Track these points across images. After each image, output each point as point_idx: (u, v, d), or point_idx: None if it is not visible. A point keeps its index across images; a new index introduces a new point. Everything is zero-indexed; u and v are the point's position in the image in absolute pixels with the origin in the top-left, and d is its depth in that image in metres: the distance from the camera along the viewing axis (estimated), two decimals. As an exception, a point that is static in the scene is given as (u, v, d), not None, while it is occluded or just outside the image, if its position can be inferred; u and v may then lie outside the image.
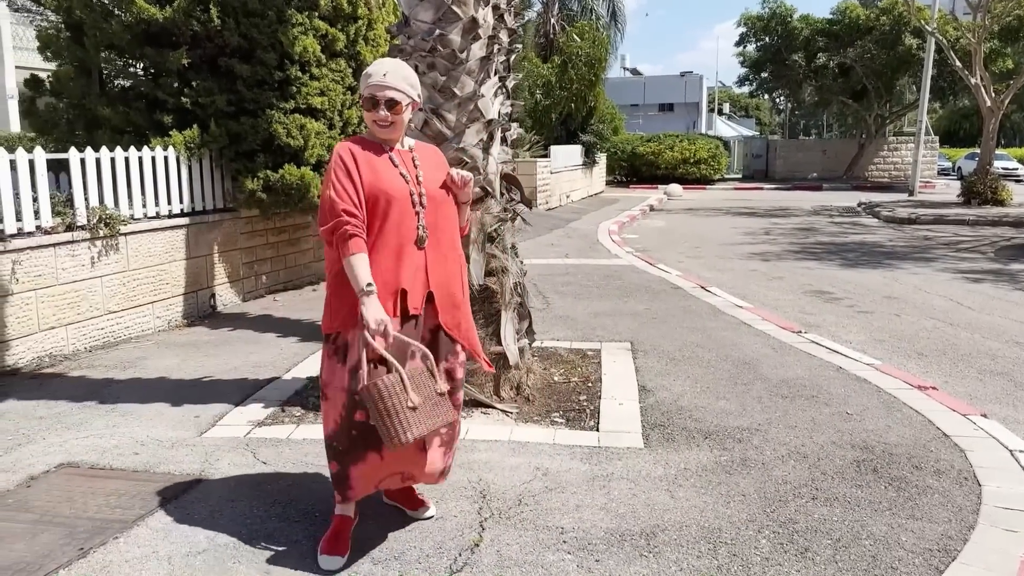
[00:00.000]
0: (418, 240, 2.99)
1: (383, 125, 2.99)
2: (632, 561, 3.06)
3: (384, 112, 2.97)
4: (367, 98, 2.99)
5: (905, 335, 6.79)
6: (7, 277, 5.66)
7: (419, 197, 3.01)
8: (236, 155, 7.72)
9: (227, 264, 7.97)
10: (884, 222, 17.33)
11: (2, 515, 3.48)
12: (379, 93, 2.96)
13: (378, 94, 2.96)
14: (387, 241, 2.94)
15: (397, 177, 2.98)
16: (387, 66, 3.00)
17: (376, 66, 3.02)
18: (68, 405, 4.95)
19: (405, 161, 3.06)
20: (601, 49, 23.12)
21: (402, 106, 2.99)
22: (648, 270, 10.27)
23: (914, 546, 3.17)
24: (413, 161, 3.08)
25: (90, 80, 7.54)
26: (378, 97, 2.96)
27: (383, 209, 2.92)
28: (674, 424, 4.55)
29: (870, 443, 4.24)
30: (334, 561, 3.02)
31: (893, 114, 35.24)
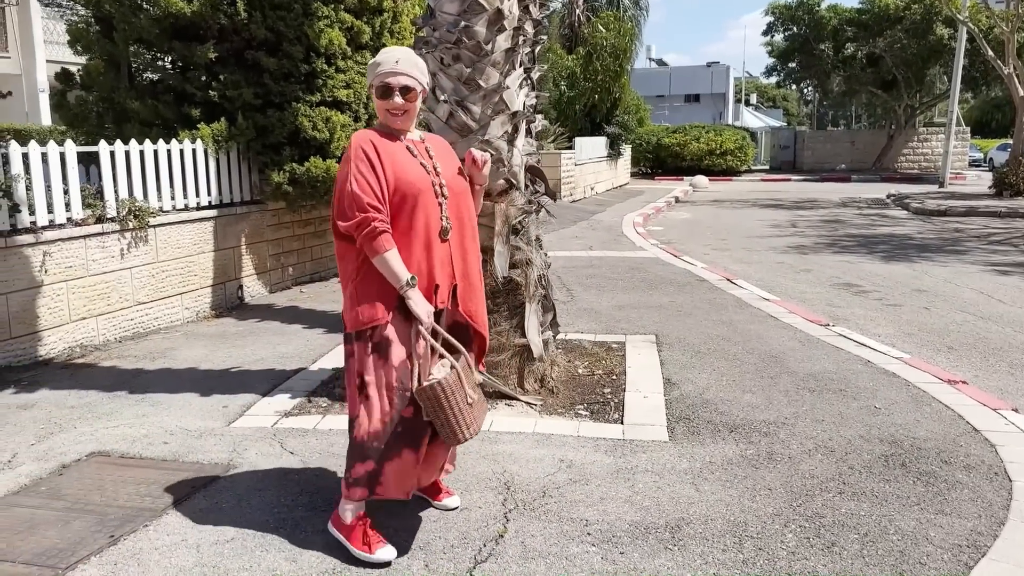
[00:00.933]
0: (442, 232, 2.96)
1: (397, 113, 2.95)
2: (657, 554, 3.06)
3: (399, 99, 2.92)
4: (380, 87, 2.93)
5: (935, 328, 6.71)
6: (38, 269, 5.75)
7: (440, 188, 2.97)
8: (263, 148, 7.78)
9: (254, 256, 8.03)
10: (913, 214, 17.10)
11: (36, 502, 3.55)
12: (393, 80, 2.91)
13: (392, 81, 2.91)
14: (417, 235, 2.90)
15: (419, 168, 2.94)
16: (398, 53, 2.95)
17: (386, 54, 2.96)
18: (99, 395, 5.03)
19: (421, 152, 3.01)
20: (627, 40, 22.99)
21: (416, 93, 2.95)
22: (673, 262, 10.22)
23: (943, 541, 3.13)
24: (427, 151, 3.04)
25: (119, 74, 7.63)
26: (392, 84, 2.91)
27: (410, 202, 2.88)
28: (699, 417, 4.53)
29: (898, 437, 4.20)
30: (387, 551, 3.02)
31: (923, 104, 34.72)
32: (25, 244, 5.65)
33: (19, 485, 3.73)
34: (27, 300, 5.69)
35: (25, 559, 3.05)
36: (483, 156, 3.10)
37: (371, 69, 2.97)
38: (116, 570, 2.97)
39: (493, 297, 4.80)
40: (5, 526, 3.32)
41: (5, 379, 5.35)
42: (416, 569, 2.96)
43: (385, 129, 3.00)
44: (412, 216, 2.89)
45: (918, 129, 34.07)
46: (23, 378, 5.39)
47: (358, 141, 2.90)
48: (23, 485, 3.73)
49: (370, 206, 2.80)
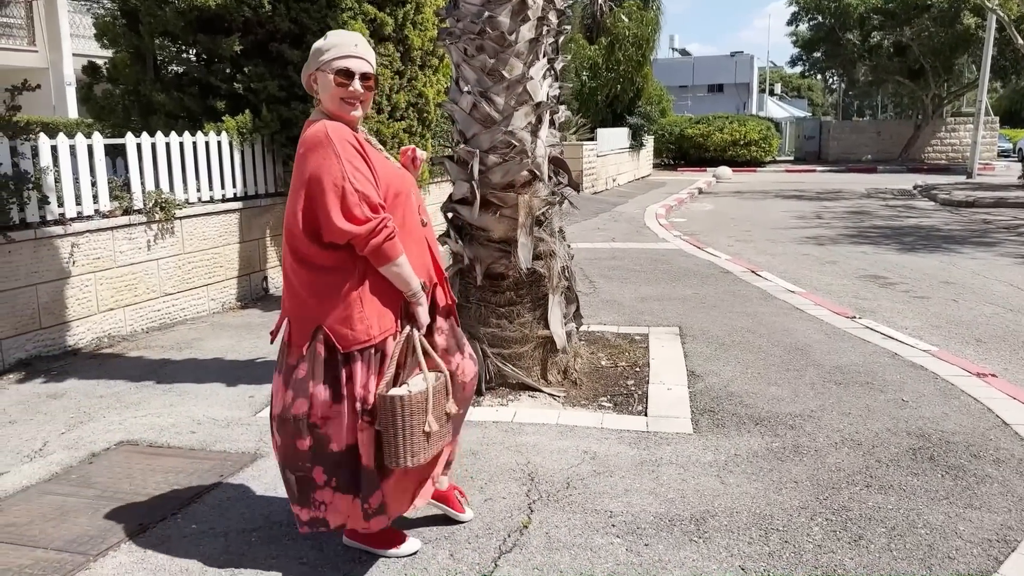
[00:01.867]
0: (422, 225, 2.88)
1: (354, 102, 2.66)
2: (682, 546, 3.05)
3: (359, 86, 2.65)
4: (340, 70, 2.62)
5: (963, 321, 6.63)
6: (67, 260, 5.82)
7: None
8: (287, 140, 7.80)
9: (279, 247, 8.08)
10: (941, 205, 16.87)
11: (66, 490, 3.60)
12: (354, 64, 2.64)
13: (352, 65, 2.63)
14: (410, 234, 2.76)
15: (389, 160, 2.80)
16: (354, 37, 2.70)
17: (339, 36, 2.69)
18: (127, 384, 5.09)
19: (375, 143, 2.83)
20: (649, 30, 22.84)
21: (373, 80, 2.72)
22: (696, 254, 10.16)
23: (972, 536, 3.10)
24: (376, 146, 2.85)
25: (145, 67, 7.69)
26: (352, 69, 2.63)
27: (402, 199, 2.73)
28: (724, 410, 4.51)
29: (926, 431, 4.16)
30: (412, 544, 3.00)
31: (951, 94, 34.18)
32: (54, 236, 5.72)
33: (50, 473, 3.79)
34: (56, 291, 5.76)
35: (57, 546, 3.09)
36: (422, 155, 2.98)
37: (318, 54, 2.67)
38: (145, 557, 3.01)
39: (516, 288, 4.80)
40: (37, 513, 3.37)
41: (35, 369, 5.43)
42: (441, 559, 2.97)
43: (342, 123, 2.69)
44: (405, 213, 2.74)
45: (946, 119, 33.56)
46: (53, 368, 5.46)
47: (336, 132, 2.59)
48: (54, 473, 3.79)
49: (381, 206, 2.59)
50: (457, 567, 2.92)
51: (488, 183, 4.65)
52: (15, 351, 5.50)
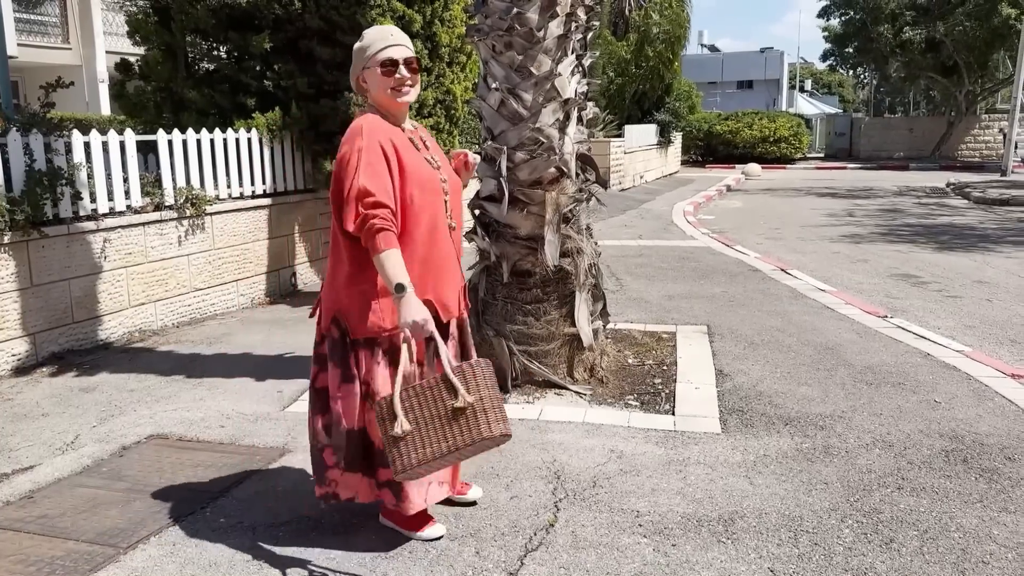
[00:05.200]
0: (449, 230, 2.88)
1: (403, 90, 2.74)
2: (709, 547, 3.02)
3: (405, 71, 2.72)
4: (384, 61, 2.70)
5: (997, 321, 6.51)
6: (99, 255, 5.90)
7: (443, 183, 2.84)
8: (316, 137, 7.85)
9: (307, 244, 8.14)
10: (974, 203, 16.59)
11: (98, 483, 3.65)
12: (396, 52, 2.72)
13: (395, 53, 2.71)
14: (438, 238, 2.79)
15: (424, 163, 2.78)
16: (389, 28, 2.79)
17: (375, 31, 2.79)
18: (157, 379, 5.15)
19: (419, 143, 2.85)
20: (679, 26, 22.67)
21: (415, 63, 2.78)
22: (725, 252, 10.08)
23: (1007, 540, 3.04)
24: (424, 142, 2.88)
25: (176, 64, 7.76)
26: (396, 57, 2.71)
27: (427, 200, 2.74)
28: (753, 409, 4.47)
29: (959, 432, 4.09)
30: (437, 528, 3.06)
31: (985, 90, 33.60)
32: (87, 231, 5.79)
33: (82, 466, 3.84)
34: (88, 285, 5.84)
35: (88, 538, 3.13)
36: (475, 159, 3.02)
37: (361, 53, 2.77)
38: (175, 550, 3.04)
39: (543, 286, 4.79)
40: (69, 505, 3.42)
41: (68, 362, 5.51)
42: (467, 555, 2.97)
43: (384, 115, 2.80)
44: (428, 214, 2.74)
45: (979, 116, 32.99)
46: (85, 361, 5.54)
47: (366, 125, 2.69)
48: (86, 466, 3.84)
49: (375, 204, 2.59)
50: (483, 564, 2.91)
51: (515, 180, 4.64)
52: (48, 345, 5.59)
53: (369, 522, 3.23)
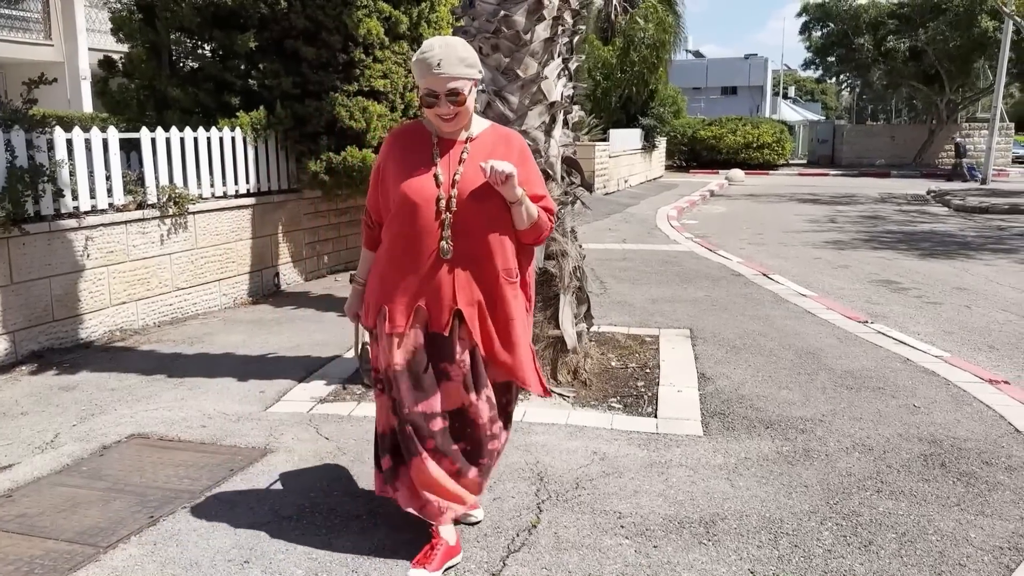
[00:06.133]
0: (441, 251, 2.67)
1: (447, 118, 2.65)
2: (691, 548, 3.04)
3: (447, 106, 2.62)
4: (425, 92, 2.63)
5: (976, 327, 6.59)
6: (81, 253, 5.85)
7: (448, 202, 2.66)
8: (300, 137, 7.83)
9: (291, 244, 8.11)
10: (954, 211, 16.77)
11: (78, 482, 3.62)
12: (437, 87, 2.59)
13: (435, 87, 2.59)
14: (408, 248, 2.70)
15: (427, 179, 2.67)
16: (439, 52, 2.57)
17: (428, 54, 2.58)
18: (138, 378, 5.11)
19: (451, 156, 2.72)
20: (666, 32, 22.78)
21: (464, 95, 2.62)
22: (708, 256, 10.14)
23: (983, 543, 3.08)
24: (462, 154, 2.72)
25: (160, 61, 7.72)
26: (437, 91, 2.60)
27: (407, 212, 2.68)
28: (734, 413, 4.50)
29: (938, 437, 4.13)
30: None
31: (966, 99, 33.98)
32: (68, 229, 5.75)
33: (61, 465, 3.81)
34: (69, 284, 5.79)
35: (68, 537, 3.11)
36: (495, 169, 2.58)
37: (416, 68, 2.65)
38: (155, 550, 3.02)
39: (528, 288, 4.79)
40: (48, 505, 3.39)
41: (48, 361, 5.47)
42: (449, 557, 2.97)
43: (428, 125, 2.79)
44: (408, 227, 2.69)
45: (960, 124, 33.34)
46: (65, 360, 5.49)
47: (394, 135, 2.85)
48: (65, 465, 3.81)
49: (367, 205, 2.91)
50: (466, 565, 2.92)
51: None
52: (28, 343, 5.54)
53: (352, 523, 3.23)
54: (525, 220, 2.74)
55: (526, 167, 2.75)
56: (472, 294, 2.73)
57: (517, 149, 2.78)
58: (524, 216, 2.73)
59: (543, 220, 2.81)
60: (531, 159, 2.85)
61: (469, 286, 2.72)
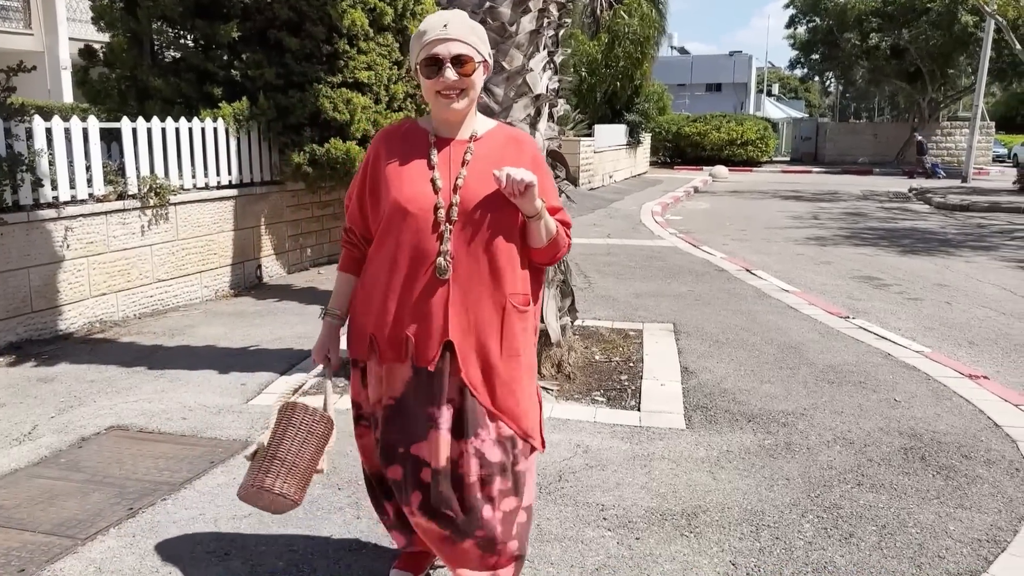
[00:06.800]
0: (437, 269, 2.19)
1: (450, 94, 2.18)
2: (672, 540, 3.05)
3: (451, 73, 2.15)
4: (426, 60, 2.17)
5: (956, 323, 6.64)
6: (60, 244, 5.79)
7: (448, 211, 2.20)
8: (283, 128, 7.78)
9: (273, 236, 8.06)
10: (936, 208, 16.91)
11: (55, 474, 3.58)
12: (442, 49, 2.15)
13: (440, 51, 2.15)
14: (398, 266, 2.23)
15: (423, 183, 2.22)
16: (447, 16, 2.21)
17: (431, 19, 2.21)
18: (118, 370, 5.06)
19: (452, 158, 2.26)
20: (650, 27, 22.81)
21: (474, 63, 2.19)
22: (692, 252, 10.17)
23: (962, 535, 3.11)
24: (464, 156, 2.26)
25: (142, 51, 7.65)
26: (440, 55, 2.15)
27: (396, 223, 2.23)
28: (717, 406, 4.51)
29: (918, 431, 4.16)
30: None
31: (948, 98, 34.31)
32: (47, 219, 5.68)
33: (39, 457, 3.77)
34: (48, 275, 5.73)
35: (45, 529, 3.07)
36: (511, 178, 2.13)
37: (414, 42, 2.23)
38: (134, 542, 2.99)
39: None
40: (25, 497, 3.35)
41: (26, 352, 5.40)
42: (432, 549, 2.96)
43: (425, 123, 2.34)
44: (395, 241, 2.23)
45: (942, 123, 33.65)
46: (44, 352, 5.43)
47: (381, 135, 2.38)
48: (43, 457, 3.77)
49: (347, 217, 2.43)
50: (447, 557, 2.90)
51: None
52: (6, 334, 5.47)
53: (334, 515, 3.21)
54: (543, 236, 2.28)
55: (540, 174, 2.24)
56: (469, 323, 2.23)
57: (529, 154, 2.32)
58: (542, 232, 2.27)
59: (561, 236, 2.34)
60: (544, 164, 2.45)
61: (467, 313, 2.23)
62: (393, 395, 2.29)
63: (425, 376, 2.24)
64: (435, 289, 2.21)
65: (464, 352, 2.23)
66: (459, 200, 2.21)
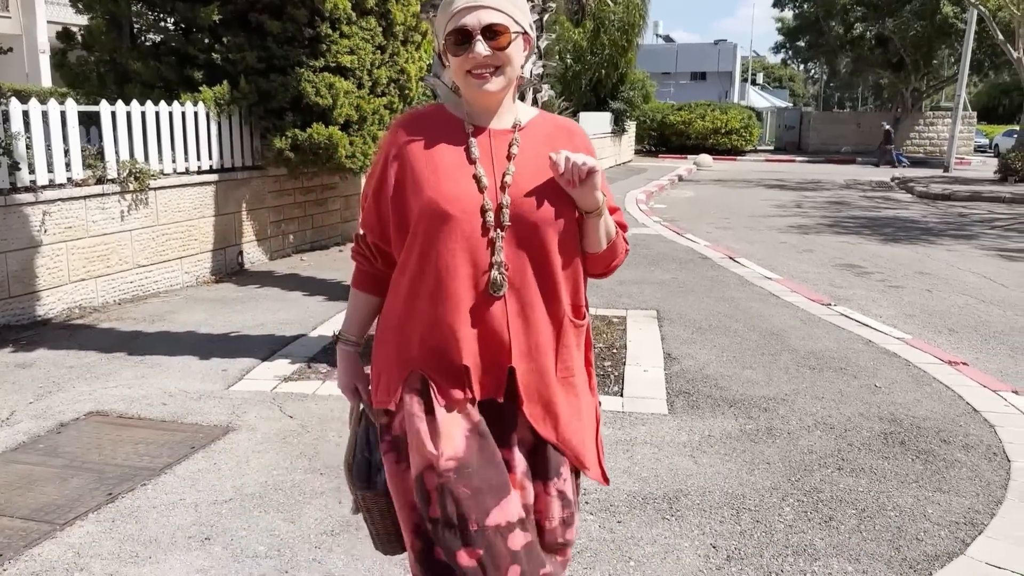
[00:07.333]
0: (491, 285, 1.76)
1: (483, 73, 1.73)
2: (654, 524, 3.06)
3: (482, 47, 1.70)
4: (453, 32, 1.73)
5: (936, 310, 6.69)
6: (38, 228, 5.71)
7: (498, 213, 1.76)
8: (265, 113, 7.71)
9: (255, 222, 8.00)
10: (918, 197, 17.03)
11: (34, 459, 3.55)
12: (470, 19, 1.71)
13: (468, 21, 1.71)
14: (442, 283, 1.76)
15: (464, 180, 1.77)
16: None
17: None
18: (97, 356, 5.02)
19: (495, 150, 1.81)
20: (635, 14, 22.78)
21: (509, 34, 1.73)
22: (676, 240, 10.18)
23: (940, 519, 3.14)
24: (509, 149, 1.81)
25: (121, 34, 7.55)
26: (469, 26, 1.71)
27: (435, 229, 1.76)
28: (699, 392, 4.53)
29: (898, 416, 4.20)
30: None
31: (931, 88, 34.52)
32: (24, 203, 5.61)
33: (17, 442, 3.73)
34: (26, 259, 5.66)
35: (23, 514, 3.05)
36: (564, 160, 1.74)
37: (440, 14, 1.80)
38: (114, 527, 2.97)
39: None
40: (3, 482, 3.32)
41: (4, 338, 5.34)
42: (413, 533, 2.96)
43: (455, 110, 1.86)
44: (436, 251, 1.76)
45: (924, 113, 33.85)
46: (22, 337, 5.37)
47: (392, 126, 1.91)
48: (21, 442, 3.73)
49: (361, 224, 1.95)
50: (429, 541, 2.90)
51: (469, 159, 4.61)
52: (-17, 319, 5.41)
53: (316, 500, 3.20)
54: (603, 239, 1.87)
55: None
56: (530, 345, 1.81)
57: (583, 146, 1.88)
58: (602, 233, 1.86)
59: (620, 241, 1.94)
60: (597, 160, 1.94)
61: (526, 334, 1.80)
62: (455, 455, 1.74)
63: (494, 414, 1.81)
64: (489, 308, 1.78)
65: (526, 380, 1.81)
66: (509, 200, 1.78)
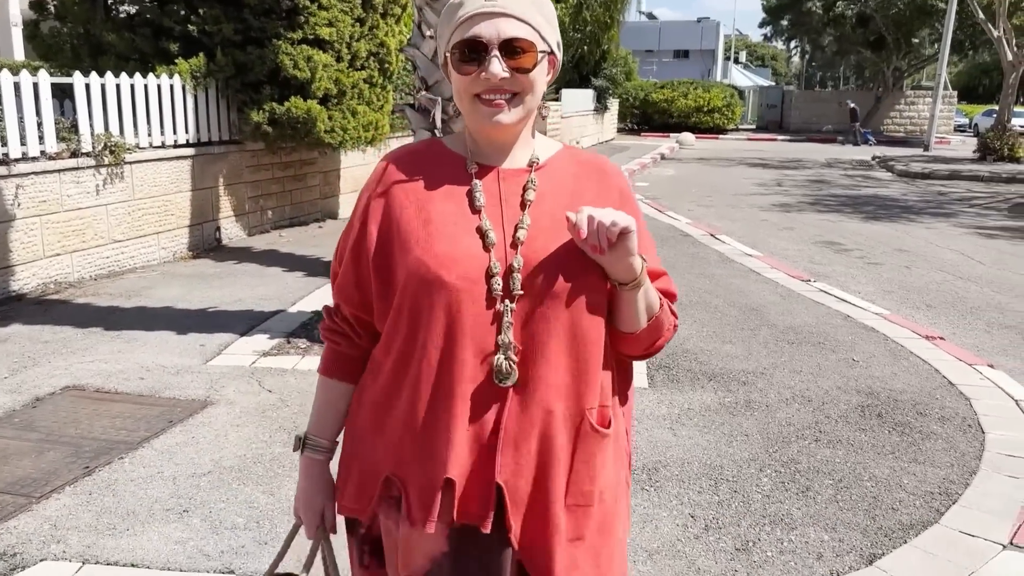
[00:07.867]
0: (496, 372, 1.29)
1: (496, 100, 1.29)
2: (633, 494, 3.07)
3: (498, 67, 1.26)
4: (462, 44, 1.29)
5: (914, 287, 6.75)
6: (11, 202, 5.62)
7: (506, 277, 1.30)
8: (242, 86, 7.60)
9: (232, 197, 7.91)
10: (898, 176, 17.13)
11: (9, 433, 3.51)
12: (486, 28, 1.27)
13: (483, 31, 1.27)
14: (431, 371, 1.31)
15: (466, 236, 1.33)
16: None
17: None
18: (73, 331, 4.96)
19: (505, 197, 1.36)
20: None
21: (536, 54, 1.29)
22: (658, 217, 10.19)
23: (915, 489, 3.17)
24: (524, 195, 1.36)
25: (95, 5, 7.41)
26: (484, 37, 1.27)
27: (424, 300, 1.31)
28: (679, 366, 4.54)
29: (875, 389, 4.23)
30: None
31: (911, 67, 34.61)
32: (-3, 176, 5.51)
33: (-9, 416, 3.69)
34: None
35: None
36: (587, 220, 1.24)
37: (444, 19, 1.34)
38: (91, 500, 2.94)
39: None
40: (-24, 456, 3.28)
41: (-23, 313, 5.27)
42: (393, 505, 2.95)
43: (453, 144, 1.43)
44: (426, 328, 1.31)
45: (905, 92, 33.97)
46: (-4, 312, 5.30)
47: (378, 165, 1.44)
48: (-5, 417, 3.69)
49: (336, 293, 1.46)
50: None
51: (451, 132, 4.57)
52: (-44, 294, 5.33)
53: (295, 472, 3.18)
54: (642, 315, 1.38)
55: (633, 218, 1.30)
56: (528, 453, 1.32)
57: (617, 188, 1.46)
58: (642, 307, 1.38)
59: (666, 315, 1.43)
60: (636, 205, 1.50)
61: (527, 438, 1.32)
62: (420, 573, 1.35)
63: (471, 546, 1.33)
64: (490, 404, 1.31)
65: (515, 500, 1.32)
66: (521, 262, 1.31)
